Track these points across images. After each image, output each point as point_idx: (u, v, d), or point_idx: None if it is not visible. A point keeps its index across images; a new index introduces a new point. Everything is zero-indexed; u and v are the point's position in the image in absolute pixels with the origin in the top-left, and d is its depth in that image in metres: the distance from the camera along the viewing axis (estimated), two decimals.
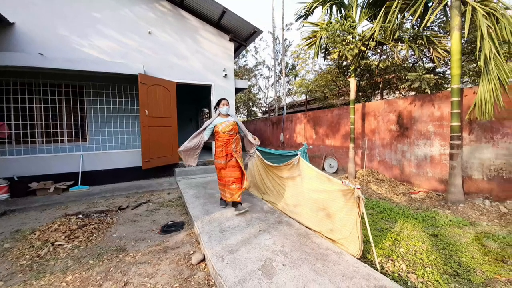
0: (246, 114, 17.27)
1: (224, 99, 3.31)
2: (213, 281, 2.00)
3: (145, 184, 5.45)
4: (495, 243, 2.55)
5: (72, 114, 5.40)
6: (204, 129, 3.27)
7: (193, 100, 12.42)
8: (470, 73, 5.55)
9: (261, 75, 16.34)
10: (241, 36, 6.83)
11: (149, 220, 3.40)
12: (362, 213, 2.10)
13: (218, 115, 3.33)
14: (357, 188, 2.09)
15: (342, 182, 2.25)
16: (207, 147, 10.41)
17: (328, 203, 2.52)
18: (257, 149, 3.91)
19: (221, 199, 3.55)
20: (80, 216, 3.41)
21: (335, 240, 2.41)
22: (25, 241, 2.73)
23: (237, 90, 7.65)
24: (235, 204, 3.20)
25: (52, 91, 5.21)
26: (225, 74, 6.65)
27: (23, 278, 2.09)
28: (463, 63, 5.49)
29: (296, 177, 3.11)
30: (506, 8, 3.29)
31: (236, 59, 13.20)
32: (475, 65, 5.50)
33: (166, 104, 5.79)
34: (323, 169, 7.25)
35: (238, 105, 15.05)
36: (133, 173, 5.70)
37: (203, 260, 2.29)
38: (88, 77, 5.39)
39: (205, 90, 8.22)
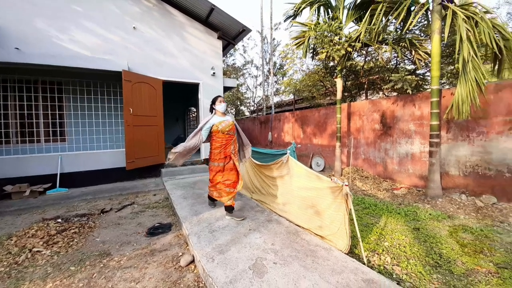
0: (234, 113, 17.17)
1: (220, 96, 3.12)
2: (203, 282, 1.96)
3: (129, 185, 5.26)
4: (473, 235, 2.71)
5: (49, 112, 5.10)
6: (201, 129, 3.00)
7: (180, 99, 12.15)
8: (448, 75, 5.85)
9: (249, 74, 16.31)
10: (229, 34, 6.77)
11: (134, 223, 3.29)
12: (350, 209, 2.15)
13: (214, 113, 3.09)
14: (346, 185, 2.13)
15: (331, 179, 2.30)
16: None
17: (317, 201, 2.56)
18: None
19: (209, 198, 3.42)
20: (59, 220, 3.23)
21: (323, 237, 2.45)
22: (2, 247, 2.56)
23: (226, 88, 7.58)
24: (229, 209, 2.97)
25: (28, 88, 4.90)
26: (214, 73, 6.56)
27: (1, 285, 1.96)
28: (442, 65, 5.78)
29: (285, 176, 3.13)
30: (486, 12, 3.48)
31: (224, 58, 13.07)
32: (452, 67, 5.81)
33: (152, 103, 5.62)
34: (310, 167, 7.37)
35: (226, 104, 14.95)
36: (116, 174, 5.48)
37: (193, 261, 2.25)
38: (68, 74, 5.11)
39: (192, 88, 8.08)
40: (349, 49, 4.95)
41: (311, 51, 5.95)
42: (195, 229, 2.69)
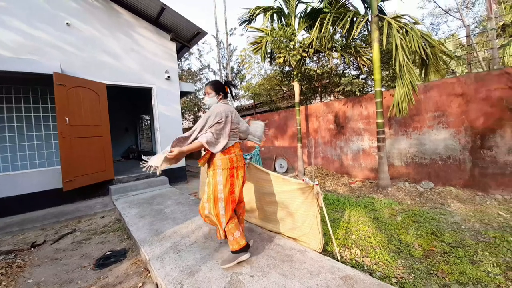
0: (192, 120, 16.42)
1: None
2: None
3: (69, 209, 4.42)
4: (421, 218, 3.05)
5: None
6: None
7: (130, 106, 11.02)
8: (388, 78, 6.71)
9: (206, 79, 15.89)
10: (183, 36, 6.43)
11: (77, 255, 2.72)
12: (321, 207, 2.17)
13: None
14: (316, 184, 2.15)
15: (303, 179, 2.29)
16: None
17: (287, 203, 2.52)
18: None
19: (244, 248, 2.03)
20: None
21: (296, 238, 2.42)
22: None
23: (183, 93, 7.14)
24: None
25: None
26: (168, 76, 6.11)
27: None
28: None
29: (250, 182, 3.03)
30: (415, 23, 4.08)
31: (178, 62, 12.44)
32: (387, 72, 6.68)
33: (95, 110, 4.88)
34: (274, 169, 7.47)
35: (183, 110, 14.15)
36: (51, 197, 4.54)
37: None
38: None
39: (144, 94, 7.40)
40: (304, 54, 5.21)
41: (269, 56, 6.08)
42: (157, 252, 2.35)
